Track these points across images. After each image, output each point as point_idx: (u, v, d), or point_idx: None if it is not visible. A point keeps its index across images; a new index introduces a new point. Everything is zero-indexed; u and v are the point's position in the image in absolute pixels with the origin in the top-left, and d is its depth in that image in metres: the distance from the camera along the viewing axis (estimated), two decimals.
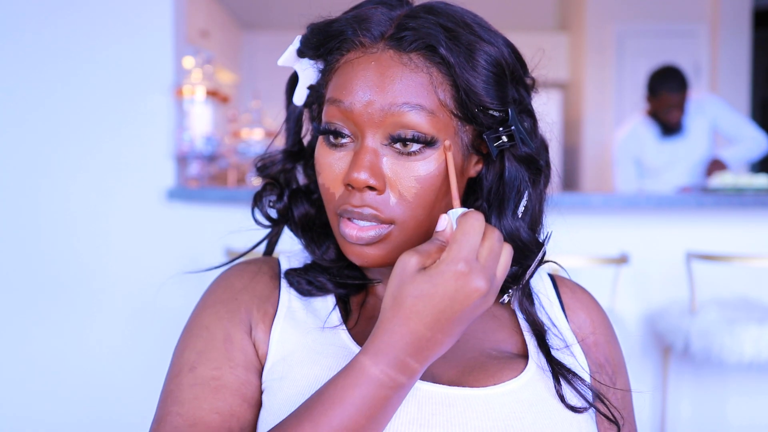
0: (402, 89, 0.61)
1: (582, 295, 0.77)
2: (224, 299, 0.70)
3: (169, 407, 0.63)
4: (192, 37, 4.13)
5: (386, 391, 0.55)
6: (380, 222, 0.63)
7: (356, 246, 0.64)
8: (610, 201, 2.41)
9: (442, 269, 0.54)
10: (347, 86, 0.63)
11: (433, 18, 0.63)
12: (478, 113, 0.64)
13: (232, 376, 0.64)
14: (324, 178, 0.66)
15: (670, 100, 3.12)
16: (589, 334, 0.73)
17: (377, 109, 0.62)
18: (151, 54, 2.33)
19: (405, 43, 0.62)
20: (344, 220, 0.64)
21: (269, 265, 0.75)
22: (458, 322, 0.55)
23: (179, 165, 2.37)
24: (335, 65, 0.66)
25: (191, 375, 0.64)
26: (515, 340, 0.70)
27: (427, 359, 0.56)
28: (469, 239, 0.54)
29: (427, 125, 0.62)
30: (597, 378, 0.71)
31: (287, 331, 0.68)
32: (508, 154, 0.67)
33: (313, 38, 0.68)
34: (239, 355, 0.66)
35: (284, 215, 0.76)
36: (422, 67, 0.62)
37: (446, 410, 0.61)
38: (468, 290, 0.54)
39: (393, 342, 0.55)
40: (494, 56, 0.64)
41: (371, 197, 0.62)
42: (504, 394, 0.63)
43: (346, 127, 0.64)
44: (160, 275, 2.19)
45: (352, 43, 0.64)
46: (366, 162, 0.62)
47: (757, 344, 1.93)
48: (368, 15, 0.64)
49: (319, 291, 0.71)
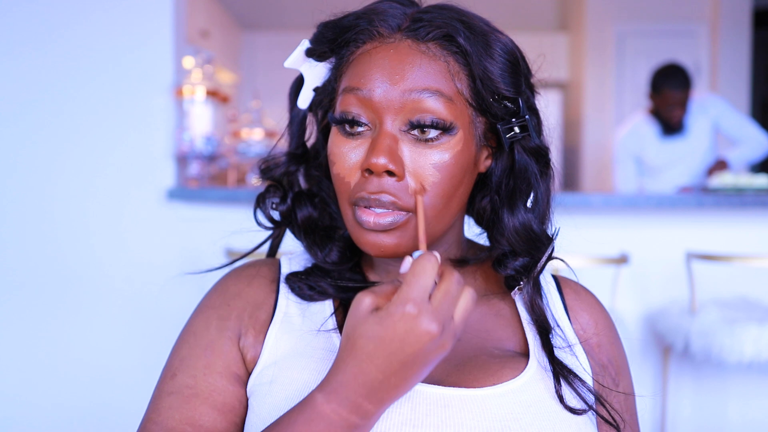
0: (421, 75, 0.62)
1: (586, 296, 0.77)
2: (217, 305, 0.70)
3: (149, 414, 0.65)
4: (192, 37, 4.13)
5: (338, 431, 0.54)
6: (398, 209, 0.63)
7: (372, 234, 0.64)
8: (610, 201, 2.41)
9: (391, 311, 0.52)
10: (365, 74, 0.63)
11: (446, 12, 0.65)
12: (492, 103, 0.65)
13: (204, 383, 0.65)
14: (339, 167, 0.65)
15: (673, 98, 3.09)
16: (592, 335, 0.73)
17: (397, 95, 0.62)
18: (151, 54, 2.33)
19: (422, 32, 0.64)
20: (360, 208, 0.64)
21: (269, 267, 0.75)
22: (411, 365, 0.53)
23: (179, 165, 2.37)
24: (350, 58, 0.66)
25: (171, 382, 0.66)
26: (517, 339, 0.70)
27: (381, 402, 0.54)
28: (419, 281, 0.53)
29: (446, 111, 0.62)
30: (599, 380, 0.71)
31: (282, 336, 0.68)
32: (518, 147, 0.67)
33: (327, 32, 0.68)
34: (218, 361, 0.66)
35: (287, 218, 0.76)
36: (440, 55, 0.63)
37: (441, 411, 0.60)
38: (418, 332, 0.52)
39: (345, 382, 0.54)
40: (509, 46, 0.66)
41: (390, 183, 0.62)
42: (502, 394, 0.62)
43: (363, 115, 0.64)
44: (160, 275, 2.19)
45: (369, 34, 0.65)
46: (385, 147, 0.62)
47: (757, 344, 1.92)
48: (383, 9, 0.66)
49: (321, 296, 0.71)
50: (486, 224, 0.74)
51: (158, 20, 2.32)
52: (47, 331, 2.34)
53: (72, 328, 2.33)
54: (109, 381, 2.33)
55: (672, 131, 3.17)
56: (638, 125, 3.28)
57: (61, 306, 2.33)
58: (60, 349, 2.33)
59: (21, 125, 2.34)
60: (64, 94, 2.33)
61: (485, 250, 0.74)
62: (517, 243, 0.68)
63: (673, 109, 3.12)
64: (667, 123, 3.16)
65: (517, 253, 0.69)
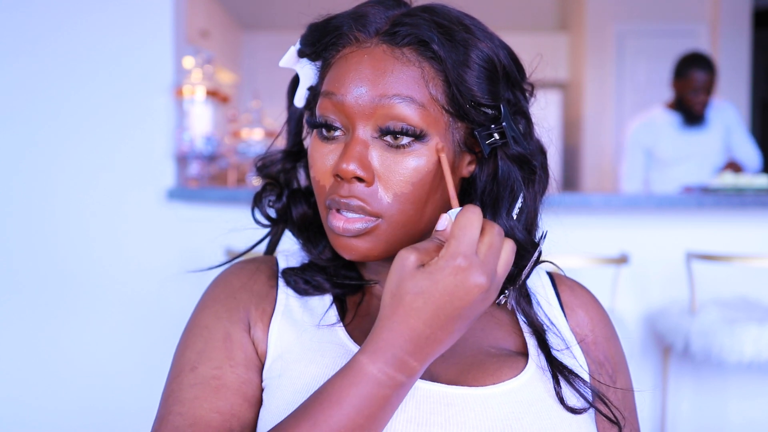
0: (393, 81, 0.62)
1: (581, 292, 0.76)
2: (223, 298, 0.70)
3: (170, 407, 0.63)
4: (192, 37, 4.13)
5: (385, 390, 0.54)
6: (367, 214, 0.63)
7: (343, 238, 0.64)
8: (610, 201, 2.41)
9: (441, 265, 0.53)
10: (340, 79, 0.63)
11: (428, 16, 0.64)
12: (470, 109, 0.64)
13: (233, 376, 0.64)
14: (315, 170, 0.66)
15: (698, 81, 3.01)
16: (588, 332, 0.73)
17: (368, 100, 0.62)
18: (151, 54, 2.33)
19: (398, 37, 0.63)
20: (332, 212, 0.64)
21: (267, 264, 0.75)
22: (458, 319, 0.54)
23: (179, 165, 2.37)
24: (331, 61, 0.67)
25: (192, 375, 0.64)
26: (515, 339, 0.70)
27: (426, 358, 0.55)
28: (467, 233, 0.53)
29: (417, 118, 0.62)
30: (597, 377, 0.70)
31: (285, 329, 0.68)
32: (501, 153, 0.66)
33: (311, 35, 0.68)
34: (239, 353, 0.66)
35: (283, 215, 0.76)
36: (414, 61, 0.62)
37: (444, 410, 0.60)
38: (468, 286, 0.53)
39: (391, 340, 0.54)
40: (487, 53, 0.64)
41: (359, 189, 0.62)
42: (503, 393, 0.62)
43: (338, 119, 0.64)
44: (160, 275, 2.19)
45: (348, 39, 0.65)
46: (355, 153, 0.62)
47: (757, 344, 1.92)
48: (366, 12, 0.65)
49: (316, 290, 0.71)
50: None
51: (158, 20, 2.32)
52: (47, 331, 2.34)
53: (72, 328, 2.33)
54: (109, 381, 2.33)
55: (694, 120, 3.08)
56: (654, 116, 3.21)
57: (60, 306, 2.33)
58: (59, 349, 2.33)
59: (21, 125, 2.34)
60: (64, 94, 2.34)
61: None
62: None
63: (697, 95, 3.03)
64: (689, 110, 3.07)
65: None
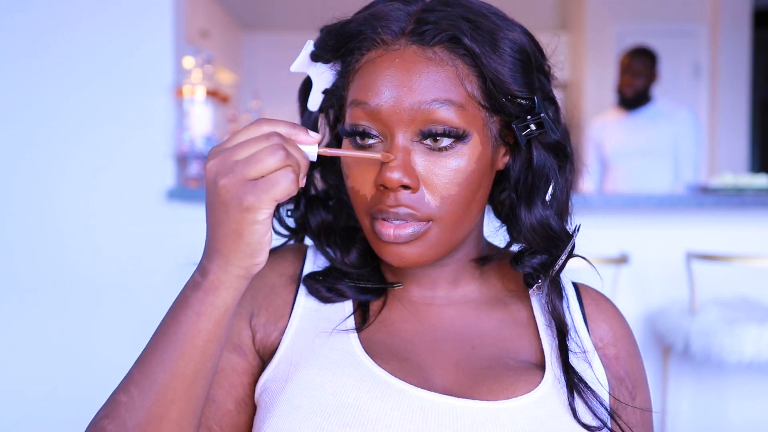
0: (430, 85, 0.60)
1: (606, 306, 0.74)
2: None
3: None
4: (192, 37, 4.13)
5: (186, 291, 0.56)
6: (417, 220, 0.61)
7: (392, 246, 0.62)
8: (610, 201, 2.41)
9: None
10: (372, 87, 0.61)
11: (451, 10, 0.62)
12: (506, 102, 0.62)
13: None
14: (353, 181, 0.64)
15: (625, 65, 3.10)
16: (610, 346, 0.71)
17: (406, 108, 0.60)
18: (151, 54, 2.33)
19: (428, 36, 0.61)
20: (379, 220, 0.62)
21: (294, 256, 0.74)
22: (211, 207, 0.53)
23: (179, 165, 2.37)
24: (355, 66, 0.64)
25: None
26: (533, 348, 0.68)
27: (211, 256, 0.55)
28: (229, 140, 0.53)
29: (458, 119, 0.60)
30: (615, 394, 0.69)
31: (299, 334, 0.67)
32: (536, 143, 0.65)
33: (330, 40, 0.66)
34: None
35: (302, 224, 0.75)
36: (447, 60, 0.61)
37: (453, 423, 0.59)
38: (207, 176, 0.53)
39: None
40: (518, 43, 0.62)
41: (406, 196, 0.61)
42: (516, 409, 0.61)
43: (373, 127, 0.62)
44: (160, 275, 2.19)
45: (373, 42, 0.63)
46: (399, 161, 0.60)
47: (757, 344, 1.92)
48: (385, 12, 0.63)
49: (339, 298, 0.70)
50: (504, 218, 0.73)
51: (158, 20, 2.32)
52: (47, 331, 2.33)
53: (72, 328, 2.33)
54: (109, 381, 2.32)
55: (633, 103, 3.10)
56: (606, 113, 3.27)
57: (61, 305, 2.33)
58: (60, 349, 2.33)
59: (21, 125, 2.34)
60: (65, 94, 2.33)
61: (501, 250, 0.74)
62: (535, 240, 0.66)
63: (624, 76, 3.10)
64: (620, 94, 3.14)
65: (535, 251, 0.67)
